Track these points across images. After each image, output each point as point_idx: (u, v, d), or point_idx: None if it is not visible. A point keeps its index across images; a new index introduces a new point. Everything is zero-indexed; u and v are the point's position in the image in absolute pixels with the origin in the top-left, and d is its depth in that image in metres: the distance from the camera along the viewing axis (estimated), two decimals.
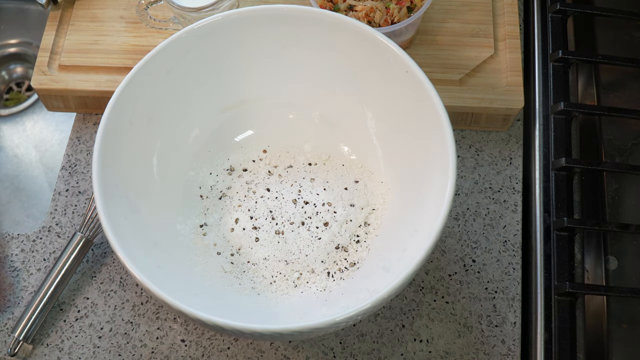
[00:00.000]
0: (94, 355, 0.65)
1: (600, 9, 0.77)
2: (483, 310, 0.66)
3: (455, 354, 0.64)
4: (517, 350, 0.64)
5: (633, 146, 0.72)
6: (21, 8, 1.01)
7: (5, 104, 0.99)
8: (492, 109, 0.71)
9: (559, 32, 0.76)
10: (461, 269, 0.68)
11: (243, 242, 0.65)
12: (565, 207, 0.68)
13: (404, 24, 0.69)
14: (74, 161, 0.75)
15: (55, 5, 0.78)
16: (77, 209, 0.72)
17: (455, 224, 0.70)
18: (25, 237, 0.71)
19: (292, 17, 0.64)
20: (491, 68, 0.74)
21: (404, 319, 0.66)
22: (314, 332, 0.53)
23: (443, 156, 0.57)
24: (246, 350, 0.65)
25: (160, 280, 0.54)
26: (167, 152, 0.66)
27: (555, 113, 0.72)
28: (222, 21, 0.63)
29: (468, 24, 0.76)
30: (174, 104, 0.65)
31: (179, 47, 0.63)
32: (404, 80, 0.61)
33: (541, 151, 0.71)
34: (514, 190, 0.72)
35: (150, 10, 0.74)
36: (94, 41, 0.76)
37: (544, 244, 0.66)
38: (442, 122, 0.57)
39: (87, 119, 0.77)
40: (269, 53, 0.67)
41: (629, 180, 0.70)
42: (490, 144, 0.74)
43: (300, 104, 0.70)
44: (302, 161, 0.69)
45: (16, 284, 0.68)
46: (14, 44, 1.02)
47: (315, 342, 0.65)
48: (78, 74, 0.75)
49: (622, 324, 0.63)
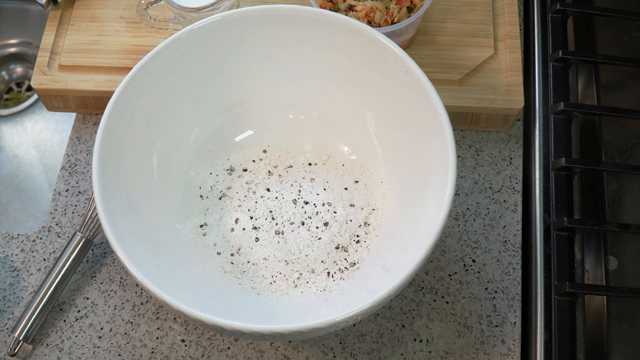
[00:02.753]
0: (94, 355, 0.65)
1: (600, 9, 0.77)
2: (483, 310, 0.66)
3: (455, 354, 0.64)
4: (517, 350, 0.64)
5: (633, 146, 0.72)
6: (21, 8, 1.01)
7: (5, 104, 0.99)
8: (492, 109, 0.71)
9: (559, 32, 0.76)
10: (461, 269, 0.68)
11: (243, 242, 0.65)
12: (565, 207, 0.68)
13: (404, 24, 0.69)
14: (74, 161, 0.75)
15: (55, 5, 0.78)
16: (77, 209, 0.72)
17: (455, 224, 0.70)
18: (25, 237, 0.71)
19: (292, 17, 0.64)
20: (491, 68, 0.74)
21: (404, 319, 0.66)
22: (314, 332, 0.53)
23: (443, 156, 0.57)
24: (246, 350, 0.65)
25: (160, 280, 0.54)
26: (167, 152, 0.66)
27: (555, 113, 0.72)
28: (222, 21, 0.63)
29: (468, 24, 0.76)
30: (174, 104, 0.65)
31: (179, 47, 0.63)
32: (404, 80, 0.61)
33: (541, 151, 0.71)
34: (514, 190, 0.72)
35: (150, 10, 0.74)
36: (94, 41, 0.76)
37: (544, 244, 0.66)
38: (442, 122, 0.57)
39: (87, 119, 0.77)
40: (269, 53, 0.67)
41: (629, 180, 0.70)
42: (490, 144, 0.74)
43: (300, 104, 0.70)
44: (302, 161, 0.69)
45: (16, 284, 0.68)
46: (14, 44, 1.02)
47: (315, 342, 0.65)
48: (78, 74, 0.75)
49: (622, 324, 0.63)
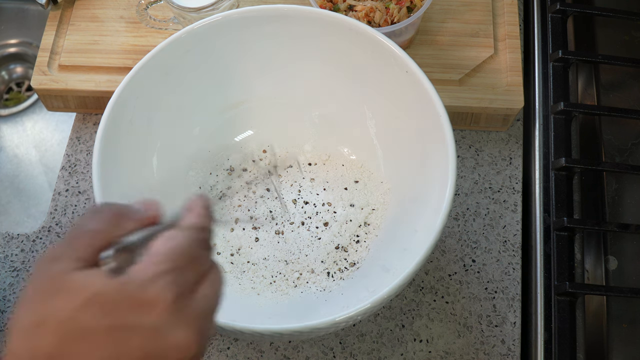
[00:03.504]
0: None
1: (600, 9, 0.77)
2: (483, 310, 0.66)
3: (455, 354, 0.64)
4: (517, 350, 0.64)
5: (633, 146, 0.72)
6: (21, 8, 1.01)
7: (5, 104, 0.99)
8: (492, 109, 0.71)
9: (559, 32, 0.76)
10: (461, 269, 0.68)
11: (243, 242, 0.65)
12: (565, 207, 0.68)
13: (404, 24, 0.69)
14: (74, 161, 0.75)
15: (55, 5, 0.78)
16: (77, 209, 0.72)
17: (455, 224, 0.70)
18: (25, 237, 0.71)
19: (291, 17, 0.64)
20: (491, 68, 0.74)
21: (404, 319, 0.66)
22: (314, 332, 0.53)
23: (443, 156, 0.57)
24: (246, 350, 0.65)
25: None
26: (167, 152, 0.66)
27: (555, 113, 0.72)
28: (222, 21, 0.63)
29: (468, 24, 0.76)
30: (174, 104, 0.65)
31: (179, 47, 0.63)
32: (404, 80, 0.61)
33: (541, 151, 0.71)
34: (514, 190, 0.72)
35: (150, 10, 0.74)
36: (94, 41, 0.76)
37: (544, 244, 0.66)
38: (442, 122, 0.57)
39: (87, 119, 0.77)
40: (269, 53, 0.67)
41: (629, 180, 0.70)
42: (490, 144, 0.74)
43: (300, 104, 0.70)
44: (302, 161, 0.69)
45: (16, 284, 0.68)
46: (14, 44, 1.02)
47: (315, 342, 0.65)
48: (78, 74, 0.75)
49: (622, 324, 0.63)
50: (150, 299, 0.34)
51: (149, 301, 0.34)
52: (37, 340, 0.33)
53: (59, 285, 0.34)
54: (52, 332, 0.33)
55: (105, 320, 0.33)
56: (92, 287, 0.34)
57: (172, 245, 0.36)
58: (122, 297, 0.34)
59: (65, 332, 0.33)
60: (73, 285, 0.34)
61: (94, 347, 0.33)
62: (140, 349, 0.33)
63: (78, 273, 0.34)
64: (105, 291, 0.34)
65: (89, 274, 0.34)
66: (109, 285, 0.34)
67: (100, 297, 0.34)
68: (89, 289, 0.34)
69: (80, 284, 0.34)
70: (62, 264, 0.35)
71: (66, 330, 0.33)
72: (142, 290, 0.34)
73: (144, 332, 0.33)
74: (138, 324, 0.33)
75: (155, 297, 0.34)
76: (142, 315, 0.34)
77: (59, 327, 0.33)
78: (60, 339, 0.33)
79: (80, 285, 0.34)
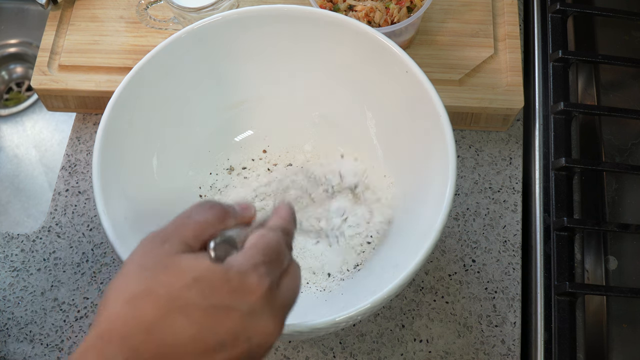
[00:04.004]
0: None
1: (600, 9, 0.77)
2: (483, 310, 0.66)
3: (455, 354, 0.64)
4: (517, 350, 0.64)
5: (633, 146, 0.72)
6: (21, 8, 1.01)
7: (5, 104, 0.99)
8: (492, 109, 0.71)
9: (559, 32, 0.76)
10: (461, 269, 0.68)
11: None
12: (565, 207, 0.68)
13: (404, 24, 0.69)
14: (74, 161, 0.75)
15: (55, 5, 0.78)
16: (77, 208, 0.72)
17: (455, 224, 0.70)
18: (25, 237, 0.71)
19: (291, 17, 0.64)
20: (491, 68, 0.74)
21: (404, 319, 0.66)
22: (314, 332, 0.53)
23: (443, 156, 0.57)
24: None
25: None
26: (167, 152, 0.66)
27: (555, 113, 0.72)
28: (222, 21, 0.63)
29: (468, 24, 0.76)
30: (174, 104, 0.65)
31: (179, 47, 0.63)
32: (404, 80, 0.61)
33: (541, 151, 0.71)
34: (514, 190, 0.72)
35: (150, 10, 0.74)
36: (94, 41, 0.76)
37: (544, 244, 0.66)
38: (442, 122, 0.57)
39: (87, 119, 0.77)
40: (269, 53, 0.67)
41: (629, 180, 0.70)
42: (490, 144, 0.74)
43: (300, 104, 0.69)
44: (302, 161, 0.69)
45: (16, 284, 0.68)
46: (14, 44, 1.02)
47: (315, 342, 0.65)
48: (78, 74, 0.75)
49: (622, 324, 0.63)
50: (249, 285, 0.38)
51: (248, 288, 0.37)
52: (143, 308, 0.36)
53: (168, 263, 0.38)
54: (157, 303, 0.36)
55: (207, 300, 0.37)
56: (199, 269, 0.38)
57: (264, 241, 0.40)
58: (225, 282, 0.37)
59: (170, 305, 0.36)
60: (181, 265, 0.38)
61: (191, 322, 0.36)
62: (231, 330, 0.37)
63: (186, 255, 0.38)
64: (211, 274, 0.37)
65: (196, 257, 0.38)
66: (214, 269, 0.38)
67: (206, 278, 0.37)
68: (196, 270, 0.37)
69: (188, 264, 0.38)
70: (171, 246, 0.39)
71: (171, 304, 0.36)
72: (243, 278, 0.38)
73: (238, 315, 0.37)
74: (236, 307, 0.37)
75: (253, 284, 0.38)
76: (240, 300, 0.37)
77: (165, 299, 0.36)
78: (164, 311, 0.36)
79: (188, 266, 0.38)
